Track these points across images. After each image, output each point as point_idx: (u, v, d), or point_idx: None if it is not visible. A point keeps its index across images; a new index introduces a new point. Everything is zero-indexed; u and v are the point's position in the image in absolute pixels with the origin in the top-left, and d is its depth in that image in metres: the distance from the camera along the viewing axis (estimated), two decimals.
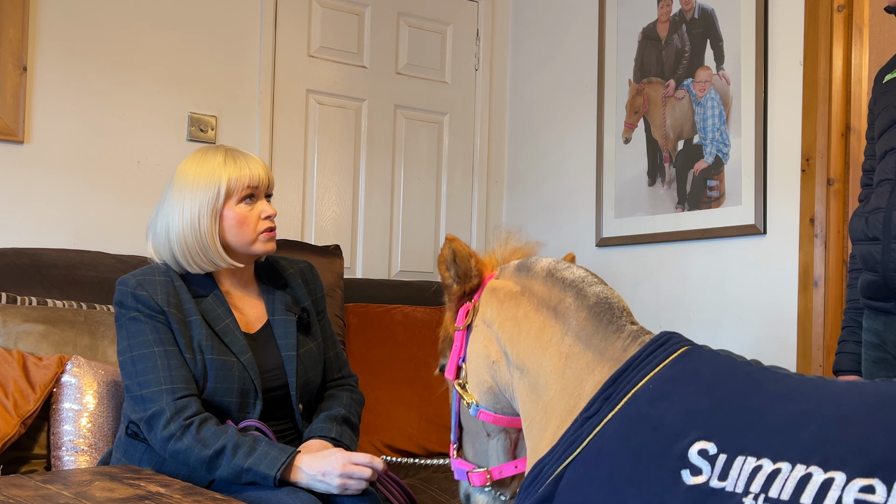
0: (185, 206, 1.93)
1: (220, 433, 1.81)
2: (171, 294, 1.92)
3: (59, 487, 1.61)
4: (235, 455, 1.78)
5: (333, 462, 1.78)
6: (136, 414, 1.86)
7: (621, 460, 1.09)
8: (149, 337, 1.88)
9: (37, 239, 2.83)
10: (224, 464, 1.78)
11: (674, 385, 1.12)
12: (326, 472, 1.78)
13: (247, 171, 1.95)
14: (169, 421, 1.81)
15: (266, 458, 1.79)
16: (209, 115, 3.21)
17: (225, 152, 1.97)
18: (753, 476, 0.96)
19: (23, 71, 2.83)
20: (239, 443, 1.80)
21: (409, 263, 3.75)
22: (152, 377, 1.84)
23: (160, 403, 1.82)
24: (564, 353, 1.30)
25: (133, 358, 1.87)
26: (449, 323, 1.53)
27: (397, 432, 2.79)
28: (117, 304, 1.94)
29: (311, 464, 1.80)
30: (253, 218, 1.96)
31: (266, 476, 1.77)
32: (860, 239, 1.96)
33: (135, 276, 1.95)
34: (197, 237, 1.92)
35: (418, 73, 3.78)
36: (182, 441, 1.80)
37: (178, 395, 1.83)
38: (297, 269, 2.15)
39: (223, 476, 1.80)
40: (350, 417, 2.07)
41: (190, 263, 1.95)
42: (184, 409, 1.82)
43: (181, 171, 1.98)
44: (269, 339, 2.02)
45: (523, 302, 1.40)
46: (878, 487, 0.86)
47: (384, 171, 3.69)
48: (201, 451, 1.79)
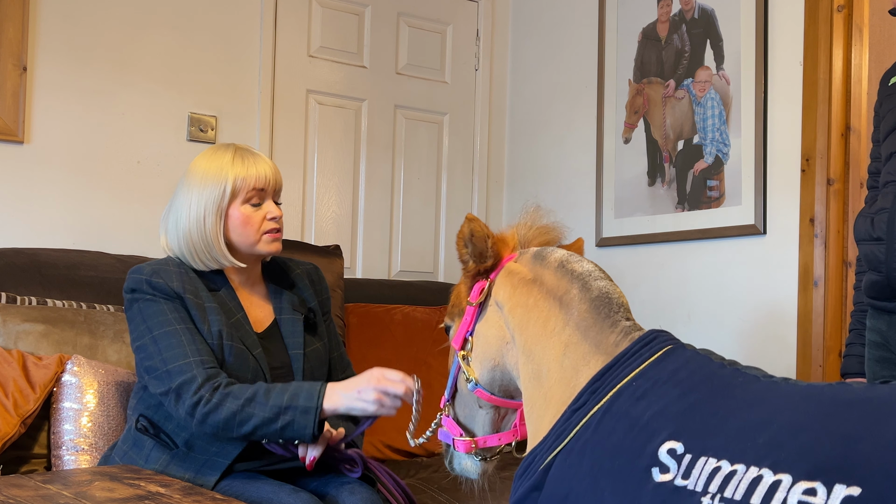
0: (192, 203, 1.94)
1: (249, 386, 1.81)
2: (188, 282, 1.92)
3: (59, 487, 1.61)
4: (269, 396, 1.77)
5: (368, 377, 1.79)
6: (162, 388, 1.82)
7: (601, 455, 1.15)
8: (169, 316, 1.87)
9: (37, 239, 2.83)
10: (258, 409, 1.76)
11: (653, 385, 1.18)
12: (361, 388, 1.78)
13: (254, 171, 1.95)
14: (200, 386, 1.79)
15: (301, 391, 1.78)
16: (209, 115, 3.21)
17: (235, 151, 1.98)
18: (713, 476, 1.03)
19: (23, 71, 2.84)
20: (270, 387, 1.80)
21: (409, 263, 3.75)
22: (178, 352, 1.83)
23: (191, 372, 1.80)
24: (564, 343, 1.35)
25: (154, 338, 1.86)
26: (463, 294, 1.57)
27: (397, 433, 2.79)
28: (129, 290, 1.92)
29: (345, 385, 1.80)
30: (258, 218, 1.96)
31: (307, 409, 1.75)
32: (864, 239, 1.97)
33: (149, 265, 1.95)
34: (202, 234, 1.93)
35: (418, 73, 3.78)
36: (211, 401, 1.78)
37: (208, 366, 1.83)
38: (303, 270, 2.16)
39: (258, 424, 1.77)
40: (354, 416, 2.08)
41: (195, 260, 1.95)
42: (215, 377, 1.81)
43: (192, 168, 1.98)
44: (277, 337, 2.02)
45: (534, 290, 1.43)
46: (819, 490, 0.93)
47: (384, 171, 3.69)
48: (232, 403, 1.77)
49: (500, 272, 1.51)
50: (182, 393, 1.80)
